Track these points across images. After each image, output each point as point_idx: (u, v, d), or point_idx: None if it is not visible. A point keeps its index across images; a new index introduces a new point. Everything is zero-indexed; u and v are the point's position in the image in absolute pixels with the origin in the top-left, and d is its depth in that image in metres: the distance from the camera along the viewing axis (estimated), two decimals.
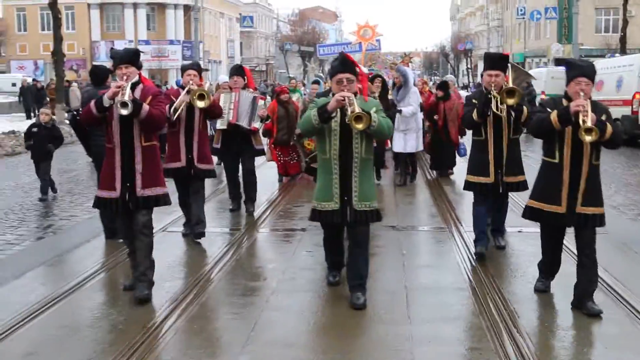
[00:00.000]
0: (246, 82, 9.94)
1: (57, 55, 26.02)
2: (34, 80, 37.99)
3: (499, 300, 6.25)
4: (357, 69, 6.17)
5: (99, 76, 8.57)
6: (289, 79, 32.53)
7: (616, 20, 45.39)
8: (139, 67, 6.45)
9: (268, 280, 7.04)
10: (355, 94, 5.97)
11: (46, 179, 11.86)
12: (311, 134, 6.46)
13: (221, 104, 9.25)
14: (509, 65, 7.61)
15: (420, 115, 13.00)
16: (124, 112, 5.91)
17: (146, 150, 6.31)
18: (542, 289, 6.48)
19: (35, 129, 12.05)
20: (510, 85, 7.21)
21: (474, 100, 7.53)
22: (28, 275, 7.28)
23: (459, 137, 13.54)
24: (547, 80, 26.43)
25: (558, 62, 39.47)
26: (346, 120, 5.77)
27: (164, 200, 6.49)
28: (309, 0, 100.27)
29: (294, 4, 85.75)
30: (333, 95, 5.96)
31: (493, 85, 7.30)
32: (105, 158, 6.47)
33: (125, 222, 6.46)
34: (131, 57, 6.40)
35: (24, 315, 5.96)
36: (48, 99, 20.15)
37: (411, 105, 12.24)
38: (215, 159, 9.18)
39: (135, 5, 60.37)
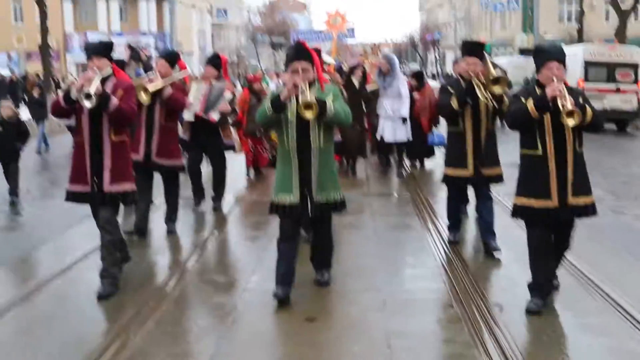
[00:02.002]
0: (220, 72, 9.47)
1: (44, 48, 25.93)
2: (12, 73, 37.12)
3: (476, 291, 6.04)
4: (313, 57, 5.84)
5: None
6: (259, 70, 32.33)
7: (577, 9, 45.53)
8: (111, 59, 6.19)
9: (238, 280, 6.69)
10: (312, 82, 5.71)
11: (16, 180, 10.66)
12: (268, 125, 6.16)
13: (192, 93, 8.85)
14: (486, 55, 7.32)
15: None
16: (88, 104, 5.68)
17: (115, 145, 6.07)
18: (536, 311, 5.62)
19: None
20: (494, 73, 6.86)
21: (450, 89, 7.15)
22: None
23: (433, 126, 13.10)
24: (510, 70, 26.53)
25: (522, 52, 39.62)
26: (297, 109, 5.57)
27: (131, 197, 6.28)
28: None
29: None
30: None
31: (472, 72, 6.97)
32: (74, 152, 6.26)
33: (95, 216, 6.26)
34: (103, 49, 6.16)
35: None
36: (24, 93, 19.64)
37: (401, 92, 11.82)
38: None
39: None
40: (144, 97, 7.56)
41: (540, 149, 5.54)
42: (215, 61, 9.53)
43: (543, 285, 5.71)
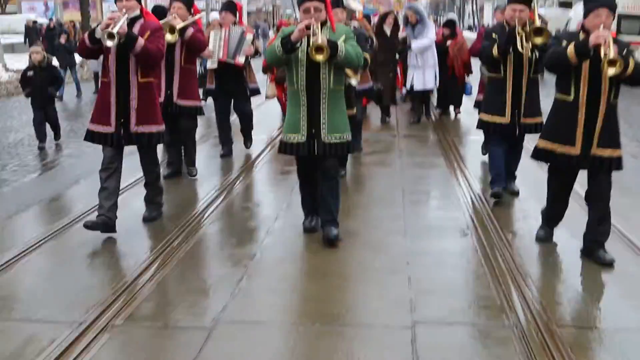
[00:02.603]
0: (237, 18, 9.37)
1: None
2: (50, 20, 37.66)
3: (504, 247, 5.87)
4: None
5: (158, 15, 8.22)
6: (293, 19, 32.50)
7: None
8: (140, 1, 6.14)
9: (260, 226, 6.64)
10: (324, 23, 5.64)
11: (57, 124, 10.87)
12: (278, 66, 5.95)
13: (211, 41, 8.83)
14: (534, 2, 6.94)
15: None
16: (110, 43, 5.62)
17: (142, 87, 6.07)
18: (544, 238, 5.95)
19: (30, 73, 10.67)
20: (538, 23, 6.54)
21: (493, 35, 6.92)
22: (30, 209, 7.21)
23: (466, 75, 12.99)
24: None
25: (562, 4, 39.13)
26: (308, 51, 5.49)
27: (158, 137, 6.29)
28: None
29: None
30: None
31: (517, 20, 6.68)
32: (99, 91, 6.25)
33: (114, 156, 6.16)
34: None
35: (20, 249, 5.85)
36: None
37: (427, 38, 11.76)
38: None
39: None
40: (170, 37, 7.51)
41: (572, 95, 5.35)
42: (231, 7, 9.41)
43: (552, 221, 5.94)
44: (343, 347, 4.14)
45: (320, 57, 5.39)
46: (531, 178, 7.81)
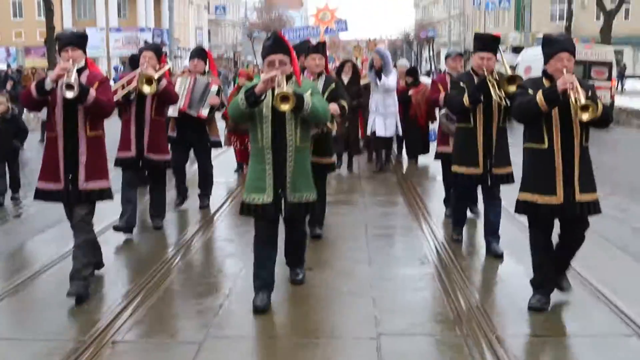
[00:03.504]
0: (208, 66, 8.98)
1: (50, 43, 27.03)
2: (8, 67, 37.93)
3: (467, 292, 5.88)
4: (290, 50, 5.49)
5: (134, 62, 8.41)
6: (256, 66, 33.16)
7: (570, 8, 46.58)
8: (84, 51, 5.82)
9: (223, 283, 6.30)
10: (289, 76, 5.37)
11: (17, 177, 10.14)
12: (241, 120, 5.60)
13: (177, 88, 8.38)
14: (500, 50, 7.00)
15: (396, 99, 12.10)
16: (70, 94, 5.30)
17: (91, 141, 5.71)
18: (539, 307, 5.42)
19: None
20: (509, 71, 6.44)
21: (461, 84, 6.71)
22: None
23: (429, 122, 12.86)
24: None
25: (514, 49, 40.88)
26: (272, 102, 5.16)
27: (107, 194, 5.90)
28: None
29: None
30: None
31: (485, 68, 6.57)
32: (46, 147, 5.83)
33: (69, 211, 5.90)
34: (77, 40, 5.79)
35: None
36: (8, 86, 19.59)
37: (391, 86, 11.58)
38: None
39: None
40: (148, 88, 7.21)
41: (546, 143, 5.24)
42: (202, 54, 9.09)
43: (545, 282, 5.50)
44: (318, 354, 4.79)
45: (285, 107, 5.06)
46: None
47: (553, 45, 5.34)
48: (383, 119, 11.81)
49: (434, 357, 4.86)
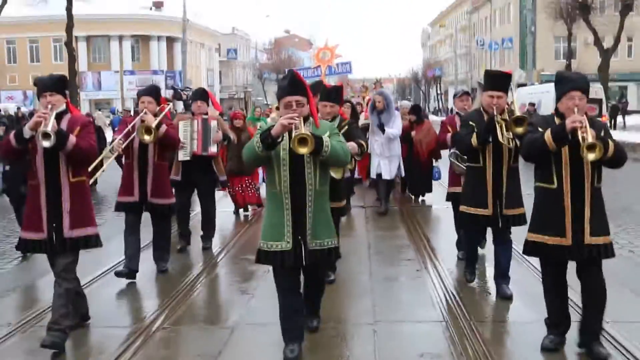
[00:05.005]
0: (210, 106, 8.83)
1: (71, 88, 27.38)
2: (17, 108, 37.45)
3: (476, 341, 5.49)
4: (308, 91, 5.15)
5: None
6: (266, 105, 33.14)
7: (574, 47, 46.88)
8: (64, 95, 5.55)
9: (211, 349, 5.61)
10: (306, 118, 5.03)
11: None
12: (256, 164, 5.36)
13: (180, 132, 8.22)
14: (512, 88, 6.63)
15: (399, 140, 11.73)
16: (46, 144, 5.04)
17: (75, 187, 5.42)
18: (552, 347, 5.22)
19: (7, 168, 9.54)
20: (517, 112, 6.14)
21: (470, 123, 6.37)
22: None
23: (434, 160, 12.51)
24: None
25: (519, 86, 41.03)
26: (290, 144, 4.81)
27: (94, 241, 5.59)
28: (288, 26, 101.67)
29: (270, 33, 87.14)
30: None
31: (495, 107, 6.21)
32: (28, 196, 5.53)
33: (53, 262, 5.56)
34: (56, 84, 5.52)
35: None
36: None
37: (396, 127, 11.25)
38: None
39: (120, 38, 60.49)
40: (147, 137, 7.04)
41: (555, 183, 5.00)
42: (205, 95, 8.91)
43: (559, 324, 5.27)
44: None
45: (303, 150, 4.71)
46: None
47: (565, 84, 5.08)
48: (388, 162, 11.51)
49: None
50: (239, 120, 11.44)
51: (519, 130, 5.83)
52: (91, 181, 6.24)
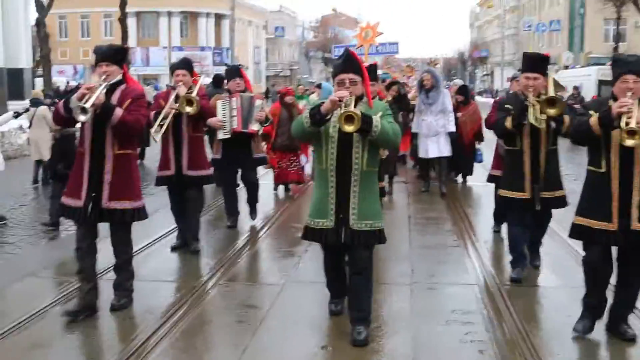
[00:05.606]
0: (244, 84, 8.68)
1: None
2: (67, 82, 37.93)
3: (517, 329, 5.39)
4: (363, 70, 5.12)
5: (218, 81, 8.74)
6: (310, 83, 33.31)
7: (623, 29, 46.32)
8: (122, 66, 5.59)
9: (263, 303, 6.06)
10: (360, 97, 5.01)
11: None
12: (304, 139, 5.45)
13: (219, 111, 8.23)
14: (550, 70, 6.60)
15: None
16: (82, 118, 5.08)
17: (118, 159, 5.46)
18: (582, 330, 5.16)
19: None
20: (551, 93, 6.04)
21: (507, 106, 6.37)
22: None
23: (477, 142, 12.41)
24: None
25: (566, 67, 40.85)
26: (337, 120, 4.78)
27: (134, 214, 5.63)
28: (335, 4, 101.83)
29: (317, 11, 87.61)
30: None
31: (531, 89, 6.17)
32: (75, 163, 5.61)
33: (85, 233, 5.54)
34: (113, 54, 5.54)
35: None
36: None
37: (447, 107, 11.15)
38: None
39: (169, 14, 61.01)
40: (190, 109, 7.11)
41: (603, 167, 4.90)
42: (239, 73, 8.83)
43: (595, 309, 5.16)
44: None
45: (350, 128, 4.70)
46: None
47: (620, 67, 4.95)
48: (437, 140, 11.26)
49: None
50: (291, 96, 11.37)
51: (552, 111, 5.86)
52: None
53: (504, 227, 7.57)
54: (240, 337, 5.29)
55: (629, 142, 4.60)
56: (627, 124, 4.58)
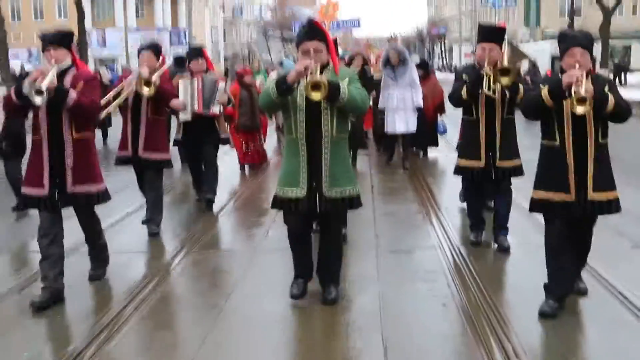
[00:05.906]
0: (206, 65, 8.60)
1: (81, 45, 27.90)
2: (22, 66, 37.08)
3: (479, 292, 5.51)
4: (327, 37, 5.06)
5: (181, 61, 8.78)
6: (270, 64, 33.53)
7: (578, 5, 47.00)
8: (70, 49, 5.45)
9: (235, 269, 6.31)
10: (325, 65, 4.96)
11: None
12: (272, 110, 5.45)
13: (181, 92, 8.11)
14: (506, 41, 6.64)
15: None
16: (38, 100, 4.94)
17: (78, 143, 5.35)
18: (550, 313, 4.97)
19: None
20: (505, 63, 6.09)
21: (463, 76, 6.44)
22: None
23: (438, 114, 12.63)
24: None
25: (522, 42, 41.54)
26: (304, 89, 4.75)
27: (98, 196, 5.56)
28: None
29: None
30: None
31: (487, 59, 6.22)
32: (31, 151, 5.46)
33: (50, 220, 5.41)
34: (61, 38, 5.41)
35: None
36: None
37: (415, 81, 11.28)
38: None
39: None
40: (146, 90, 6.97)
41: (557, 140, 4.94)
42: (201, 53, 8.72)
43: (560, 287, 5.05)
44: None
45: (317, 96, 4.67)
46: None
47: (567, 41, 5.00)
48: (404, 115, 11.30)
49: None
50: (249, 76, 11.52)
51: (505, 80, 5.93)
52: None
53: None
54: (215, 299, 5.54)
55: (580, 110, 4.64)
56: (576, 92, 4.64)
